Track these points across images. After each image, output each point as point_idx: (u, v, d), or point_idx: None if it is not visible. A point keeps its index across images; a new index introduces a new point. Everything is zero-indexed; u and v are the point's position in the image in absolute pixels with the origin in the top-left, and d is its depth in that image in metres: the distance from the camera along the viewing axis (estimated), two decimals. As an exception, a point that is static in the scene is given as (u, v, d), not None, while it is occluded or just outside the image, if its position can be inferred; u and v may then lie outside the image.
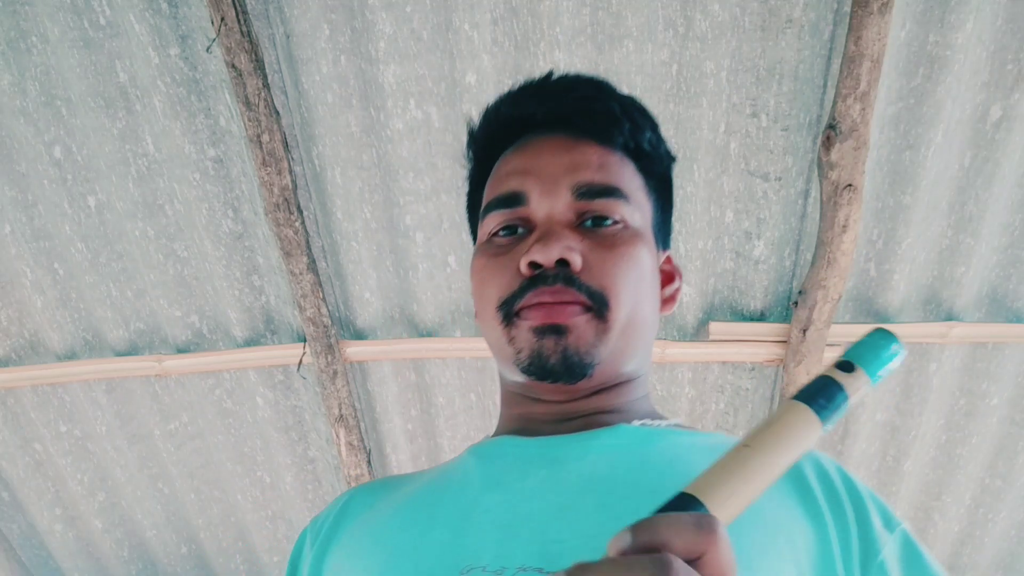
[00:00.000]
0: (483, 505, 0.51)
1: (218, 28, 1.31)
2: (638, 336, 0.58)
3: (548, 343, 0.54)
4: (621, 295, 0.55)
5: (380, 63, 1.39)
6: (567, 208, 0.57)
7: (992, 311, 1.58)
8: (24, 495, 2.05)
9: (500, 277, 0.57)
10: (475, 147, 0.71)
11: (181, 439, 1.92)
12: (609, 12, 1.32)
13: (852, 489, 0.52)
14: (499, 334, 0.57)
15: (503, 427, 0.64)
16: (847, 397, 0.38)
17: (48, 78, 1.44)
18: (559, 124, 0.62)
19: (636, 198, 0.60)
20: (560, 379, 0.55)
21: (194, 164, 1.52)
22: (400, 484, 0.61)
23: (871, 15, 1.20)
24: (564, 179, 0.58)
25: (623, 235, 0.57)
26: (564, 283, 0.54)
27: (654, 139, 0.64)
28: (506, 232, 0.60)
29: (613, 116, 0.61)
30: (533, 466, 0.53)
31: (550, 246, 0.54)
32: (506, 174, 0.61)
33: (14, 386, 1.81)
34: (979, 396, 1.67)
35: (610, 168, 0.59)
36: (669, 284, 0.68)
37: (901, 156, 1.40)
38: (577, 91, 0.62)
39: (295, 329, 1.76)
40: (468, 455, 0.59)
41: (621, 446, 0.54)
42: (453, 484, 0.55)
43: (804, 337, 1.53)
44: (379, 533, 0.53)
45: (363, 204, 1.56)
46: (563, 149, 0.60)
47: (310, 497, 2.02)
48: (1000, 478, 1.80)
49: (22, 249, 1.64)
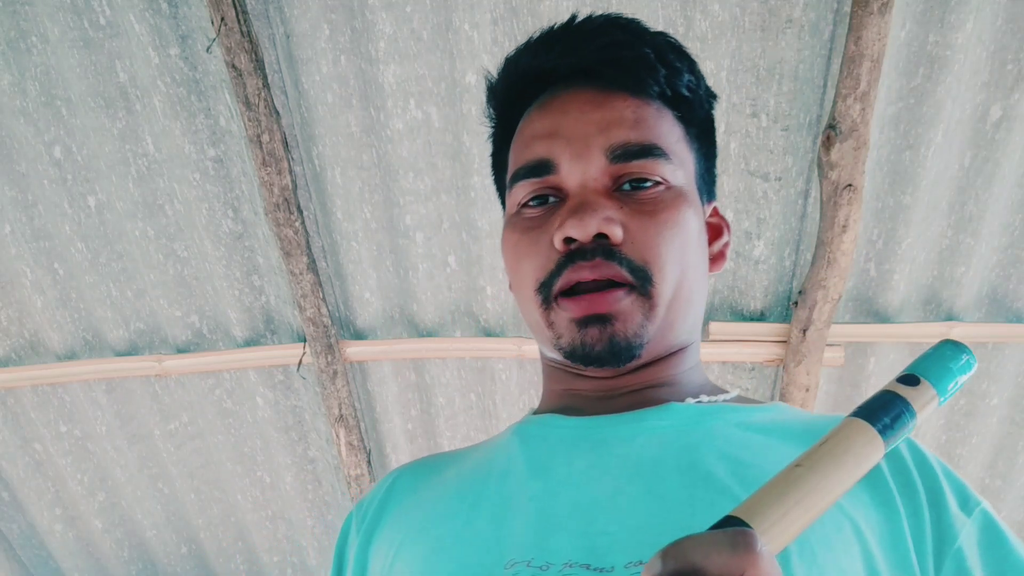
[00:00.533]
0: (527, 493, 0.48)
1: (218, 28, 1.31)
2: (687, 305, 0.54)
3: (592, 332, 0.51)
4: (666, 267, 0.51)
5: (380, 63, 1.39)
6: (601, 172, 0.52)
7: (992, 311, 1.58)
8: (24, 495, 2.05)
9: (535, 255, 0.53)
10: (496, 103, 0.63)
11: (181, 439, 1.92)
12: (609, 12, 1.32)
13: (925, 467, 0.47)
14: (537, 316, 0.54)
15: (547, 403, 0.61)
16: (914, 413, 0.34)
17: (48, 78, 1.44)
18: (587, 74, 0.56)
19: (677, 152, 0.55)
20: (607, 364, 0.52)
21: (194, 164, 1.52)
22: (444, 465, 0.59)
23: (871, 15, 1.20)
24: (596, 140, 0.52)
25: (665, 198, 0.52)
26: (604, 256, 0.50)
27: (693, 81, 0.57)
28: (537, 202, 0.55)
29: (647, 63, 0.54)
30: (579, 449, 0.51)
31: (586, 220, 0.49)
32: (531, 137, 0.56)
33: (14, 386, 1.81)
34: (979, 396, 1.67)
35: (647, 123, 0.54)
36: (717, 239, 0.61)
37: (901, 156, 1.40)
38: (604, 37, 0.55)
39: (295, 329, 1.76)
40: (512, 435, 0.56)
41: (671, 427, 0.50)
42: (496, 469, 0.53)
43: (804, 337, 1.53)
44: (422, 522, 0.52)
45: (363, 204, 1.56)
46: (593, 105, 0.54)
47: (310, 497, 2.02)
48: (1000, 478, 1.80)
49: (22, 249, 1.64)
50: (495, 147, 0.66)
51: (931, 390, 0.35)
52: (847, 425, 0.34)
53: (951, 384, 0.36)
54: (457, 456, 0.60)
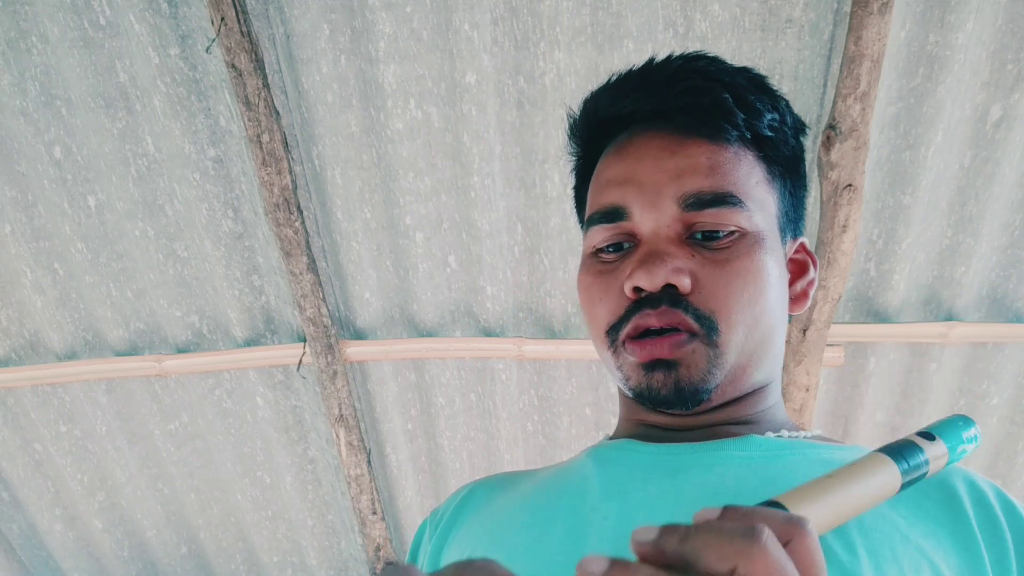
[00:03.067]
0: (602, 512, 0.48)
1: (218, 28, 1.31)
2: (761, 349, 0.54)
3: (658, 377, 0.51)
4: (733, 316, 0.51)
5: (380, 63, 1.39)
6: (674, 221, 0.52)
7: (992, 311, 1.58)
8: (24, 495, 2.05)
9: (606, 299, 0.54)
10: (576, 141, 0.64)
11: (181, 439, 1.92)
12: (609, 12, 1.32)
13: (1013, 515, 0.47)
14: (608, 358, 0.55)
15: (624, 430, 0.61)
16: (928, 460, 0.39)
17: (48, 78, 1.44)
18: (664, 117, 0.56)
19: (756, 196, 0.54)
20: (674, 407, 0.52)
21: (194, 164, 1.52)
22: (518, 481, 0.60)
23: (871, 15, 1.20)
24: (668, 189, 0.52)
25: (739, 246, 0.52)
26: (670, 304, 0.50)
27: (776, 120, 0.56)
28: (612, 248, 0.55)
29: (724, 108, 0.54)
30: (655, 474, 0.51)
31: (654, 271, 0.50)
32: (606, 182, 0.56)
33: (14, 386, 1.81)
34: (979, 396, 1.67)
35: (722, 169, 0.53)
36: (801, 277, 0.61)
37: (901, 156, 1.40)
38: (681, 83, 0.55)
39: (295, 329, 1.76)
40: (587, 458, 0.57)
41: (750, 458, 0.50)
42: (572, 487, 0.53)
43: (804, 337, 1.53)
44: (496, 531, 0.52)
45: (363, 204, 1.56)
46: (667, 152, 0.54)
47: (310, 497, 2.02)
48: (1000, 478, 1.80)
49: (22, 249, 1.64)
50: (577, 180, 0.66)
51: (943, 446, 0.40)
52: (873, 457, 0.38)
53: (959, 448, 0.41)
54: (532, 474, 0.61)
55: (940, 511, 0.47)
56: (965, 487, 0.48)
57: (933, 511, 0.47)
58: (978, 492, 0.48)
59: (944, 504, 0.47)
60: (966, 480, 0.49)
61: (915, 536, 0.44)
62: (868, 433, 1.76)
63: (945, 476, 0.49)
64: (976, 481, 0.49)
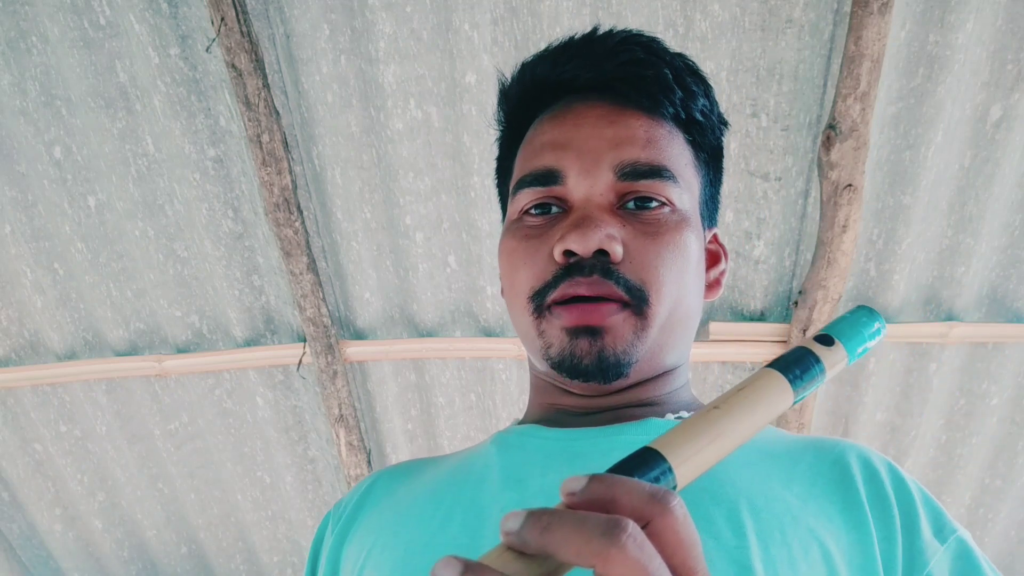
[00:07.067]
0: (500, 503, 0.48)
1: (218, 28, 1.31)
2: (680, 328, 0.54)
3: (582, 344, 0.50)
4: (663, 289, 0.51)
5: (380, 63, 1.39)
6: (607, 189, 0.52)
7: (992, 311, 1.58)
8: (24, 495, 2.05)
9: (532, 263, 0.53)
10: (507, 108, 0.63)
11: (181, 439, 1.92)
12: (609, 12, 1.32)
13: (903, 491, 0.47)
14: (529, 324, 0.54)
15: (531, 415, 0.61)
16: (823, 369, 0.37)
17: (48, 78, 1.44)
18: (602, 89, 0.56)
19: (685, 176, 0.55)
20: (593, 379, 0.51)
21: (194, 164, 1.52)
22: (423, 469, 0.59)
23: (871, 15, 1.20)
24: (606, 156, 0.52)
25: (669, 220, 0.52)
26: (601, 274, 0.50)
27: (707, 106, 0.57)
28: (539, 211, 0.54)
29: (664, 83, 0.54)
30: (555, 462, 0.50)
31: (588, 235, 0.49)
32: (541, 146, 0.55)
33: (14, 386, 1.81)
34: (979, 396, 1.67)
35: (658, 143, 0.54)
36: (715, 266, 0.62)
37: (901, 156, 1.40)
38: (624, 54, 0.55)
39: (295, 329, 1.76)
40: (491, 444, 0.57)
41: (648, 442, 0.51)
42: (473, 476, 0.53)
43: (804, 337, 1.53)
44: (396, 524, 0.52)
45: (363, 204, 1.56)
46: (606, 121, 0.54)
47: (310, 497, 2.02)
48: (1000, 478, 1.80)
49: (22, 249, 1.64)
50: (501, 151, 0.65)
51: (842, 351, 0.38)
52: (763, 375, 0.37)
53: (860, 348, 0.39)
54: (438, 461, 0.60)
55: (833, 490, 0.47)
56: (859, 465, 0.49)
57: (827, 490, 0.47)
58: (871, 469, 0.48)
59: (837, 483, 0.47)
60: (860, 457, 0.49)
61: (807, 516, 0.45)
62: (868, 433, 1.76)
63: (840, 454, 0.50)
64: (871, 458, 0.49)
